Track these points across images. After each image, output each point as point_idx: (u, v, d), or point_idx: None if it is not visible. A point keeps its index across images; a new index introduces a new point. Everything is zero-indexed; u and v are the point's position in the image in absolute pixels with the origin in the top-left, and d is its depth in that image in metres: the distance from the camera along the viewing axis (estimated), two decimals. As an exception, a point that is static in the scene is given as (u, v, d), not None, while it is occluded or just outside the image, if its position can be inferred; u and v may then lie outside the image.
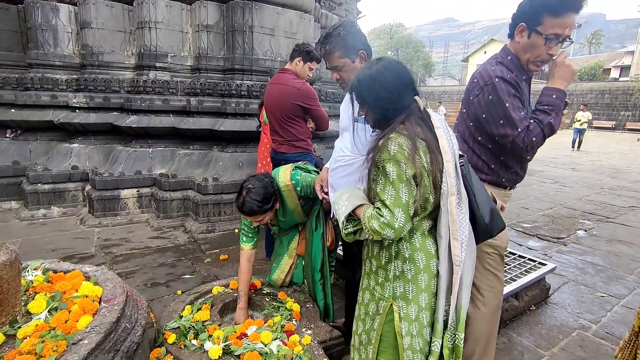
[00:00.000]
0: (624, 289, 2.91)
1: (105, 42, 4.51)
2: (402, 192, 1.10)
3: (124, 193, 4.11)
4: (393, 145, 1.11)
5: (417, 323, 1.21)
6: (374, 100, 1.18)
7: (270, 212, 1.80)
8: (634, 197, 6.14)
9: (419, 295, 1.20)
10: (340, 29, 1.57)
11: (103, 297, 1.38)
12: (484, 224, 1.22)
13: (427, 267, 1.20)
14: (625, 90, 25.41)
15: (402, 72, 1.18)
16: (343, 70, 1.62)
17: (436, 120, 1.19)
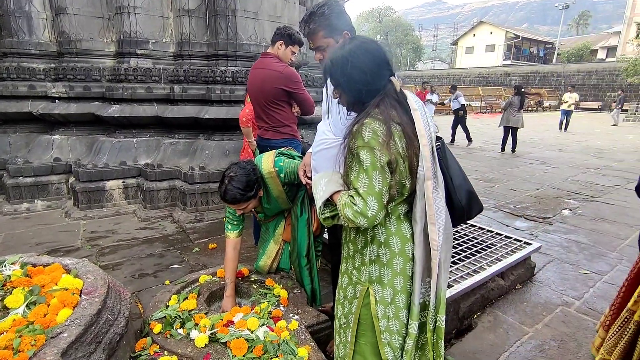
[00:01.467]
0: (606, 266, 2.98)
1: (82, 28, 4.35)
2: (376, 180, 1.07)
3: (109, 184, 4.04)
4: (367, 132, 1.08)
5: (394, 306, 1.22)
6: (347, 82, 1.14)
7: (254, 199, 1.78)
8: (618, 176, 6.26)
9: (394, 279, 1.21)
10: (324, 8, 1.53)
11: (84, 289, 1.35)
12: (461, 206, 1.23)
13: (402, 251, 1.19)
14: (611, 71, 25.65)
15: (376, 51, 1.13)
16: (327, 51, 1.57)
17: (413, 101, 1.15)
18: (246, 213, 1.88)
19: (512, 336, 2.11)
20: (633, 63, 19.69)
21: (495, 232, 2.97)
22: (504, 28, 46.38)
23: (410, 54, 52.02)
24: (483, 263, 2.43)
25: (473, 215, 1.28)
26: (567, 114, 13.60)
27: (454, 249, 2.64)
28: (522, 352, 1.98)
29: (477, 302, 2.30)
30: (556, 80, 28.50)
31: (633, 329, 1.47)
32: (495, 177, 6.19)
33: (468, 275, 2.26)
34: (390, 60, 1.16)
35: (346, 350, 1.32)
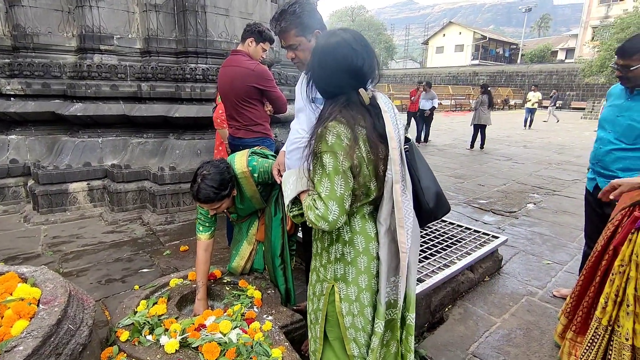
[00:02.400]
0: (567, 256, 3.15)
1: (40, 22, 4.10)
2: (338, 184, 1.07)
3: (72, 187, 3.84)
4: (331, 136, 1.07)
5: (358, 303, 1.22)
6: (317, 73, 1.14)
7: (227, 199, 1.75)
8: (577, 170, 6.63)
9: (358, 277, 1.21)
10: (295, 6, 1.51)
11: (42, 298, 1.27)
12: (429, 208, 1.23)
13: (366, 250, 1.20)
14: (570, 71, 27.14)
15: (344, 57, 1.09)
16: (299, 50, 1.56)
17: (383, 103, 1.14)
18: (219, 213, 1.84)
19: (481, 327, 2.18)
20: (589, 64, 20.85)
21: (464, 227, 3.07)
22: (472, 29, 47.95)
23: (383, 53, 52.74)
24: (453, 257, 2.51)
25: (439, 217, 1.29)
26: (531, 112, 14.25)
27: (425, 244, 2.71)
28: (491, 341, 2.06)
29: (448, 296, 2.36)
30: (521, 80, 29.82)
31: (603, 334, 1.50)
32: (464, 173, 6.39)
33: (439, 270, 2.33)
34: (364, 72, 1.12)
35: (316, 346, 1.34)
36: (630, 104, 1.92)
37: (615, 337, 1.47)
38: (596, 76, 20.79)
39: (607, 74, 19.39)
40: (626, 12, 19.36)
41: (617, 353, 1.46)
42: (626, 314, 1.42)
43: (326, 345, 1.32)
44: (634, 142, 1.89)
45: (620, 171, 1.96)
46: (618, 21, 19.28)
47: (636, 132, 1.87)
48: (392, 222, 1.16)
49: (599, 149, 2.08)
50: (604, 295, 1.52)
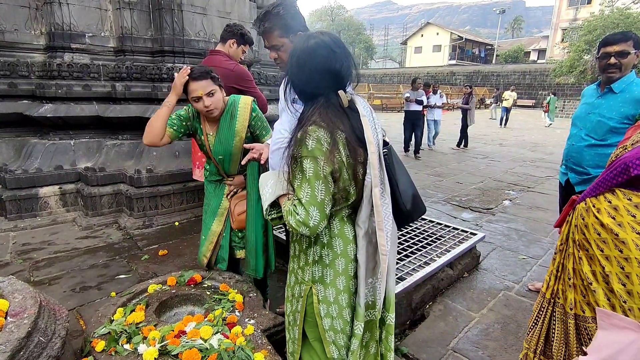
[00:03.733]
0: (540, 250, 3.27)
1: (5, 19, 3.90)
2: (318, 190, 1.07)
3: (43, 191, 3.68)
4: (311, 140, 1.06)
5: (337, 305, 1.22)
6: (296, 74, 1.13)
7: (220, 90, 1.85)
8: (549, 167, 6.89)
9: (336, 279, 1.21)
10: (279, 8, 1.54)
11: (10, 310, 1.22)
12: (406, 210, 1.25)
13: (344, 253, 1.20)
14: (542, 71, 28.13)
15: (323, 59, 1.09)
16: (281, 50, 1.59)
17: (362, 107, 1.14)
18: (203, 112, 1.86)
19: (461, 322, 2.24)
20: (560, 65, 21.70)
21: (444, 224, 3.13)
22: (449, 29, 49.01)
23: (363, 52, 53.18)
24: (433, 255, 2.55)
25: (416, 218, 1.31)
26: (507, 111, 14.70)
27: (406, 242, 2.75)
28: (470, 336, 2.11)
29: (428, 293, 2.41)
30: (496, 80, 30.68)
31: (547, 307, 1.62)
32: (443, 171, 6.53)
33: (419, 267, 2.37)
34: (342, 75, 1.12)
35: (294, 347, 1.34)
36: (601, 102, 2.02)
37: (557, 308, 1.57)
38: (566, 76, 21.64)
39: (576, 74, 20.23)
40: (593, 15, 20.23)
41: (560, 322, 1.56)
42: (569, 286, 1.52)
43: (305, 346, 1.32)
44: (603, 138, 1.99)
45: (590, 167, 2.06)
46: (585, 23, 20.15)
47: (605, 128, 1.97)
48: (371, 225, 1.16)
49: (571, 146, 2.18)
50: (549, 273, 1.64)
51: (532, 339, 1.66)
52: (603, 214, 1.39)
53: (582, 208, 1.50)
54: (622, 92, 1.94)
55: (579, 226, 1.50)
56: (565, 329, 1.55)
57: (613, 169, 1.38)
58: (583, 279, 1.47)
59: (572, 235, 1.54)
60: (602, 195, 1.43)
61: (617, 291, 1.33)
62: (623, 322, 1.27)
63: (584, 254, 1.46)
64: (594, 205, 1.44)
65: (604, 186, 1.41)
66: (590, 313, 1.46)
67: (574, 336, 1.52)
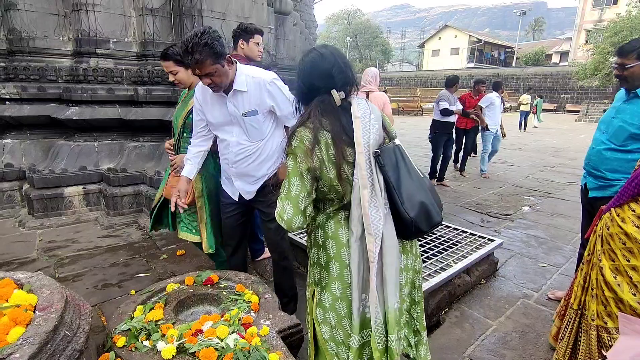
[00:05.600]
0: (562, 258, 3.18)
1: (36, 26, 4.10)
2: (293, 186, 1.12)
3: (67, 191, 3.83)
4: (295, 140, 1.14)
5: (334, 313, 1.19)
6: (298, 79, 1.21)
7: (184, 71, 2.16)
8: (572, 173, 6.69)
9: (331, 284, 1.19)
10: (205, 38, 1.54)
11: (38, 305, 1.27)
12: (409, 217, 1.12)
13: (337, 255, 1.18)
14: (564, 74, 27.38)
15: (318, 65, 1.16)
16: (215, 76, 1.65)
17: (357, 109, 1.16)
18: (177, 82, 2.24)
19: (477, 330, 2.20)
20: (583, 67, 21.05)
21: (460, 230, 3.09)
22: (467, 32, 48.31)
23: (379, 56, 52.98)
24: (449, 260, 2.52)
25: (425, 229, 1.16)
26: (525, 115, 14.36)
27: (422, 247, 2.72)
28: (487, 344, 2.07)
29: (444, 299, 2.37)
30: (516, 83, 30.05)
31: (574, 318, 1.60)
32: (460, 176, 6.42)
33: (435, 273, 2.34)
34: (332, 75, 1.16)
35: (309, 351, 1.35)
36: (626, 107, 1.97)
37: (584, 320, 1.56)
38: (590, 79, 20.99)
39: (600, 77, 19.59)
40: (619, 16, 19.57)
41: (585, 334, 1.55)
42: (591, 297, 1.51)
43: (318, 352, 1.32)
44: (623, 144, 1.94)
45: (608, 172, 2.01)
46: (611, 25, 19.50)
47: (626, 134, 1.92)
48: (363, 229, 1.12)
49: (591, 149, 2.14)
50: (576, 284, 1.63)
51: (560, 350, 1.65)
52: (627, 223, 1.36)
53: (607, 218, 1.48)
54: None
55: (604, 236, 1.47)
56: (588, 340, 1.52)
57: (636, 178, 1.35)
58: (604, 289, 1.43)
59: (597, 245, 1.51)
60: (626, 204, 1.40)
61: None
62: None
63: (610, 264, 1.43)
64: (618, 215, 1.42)
65: (628, 195, 1.38)
66: (612, 324, 1.42)
67: (595, 347, 1.49)
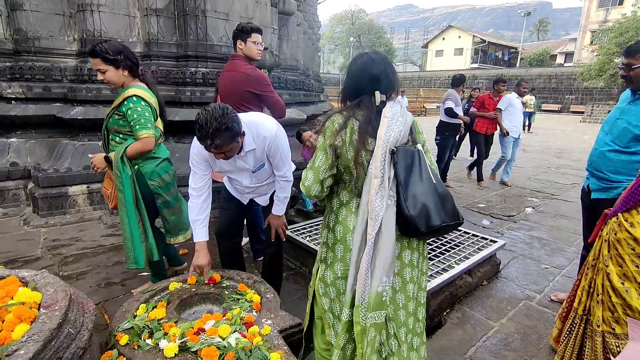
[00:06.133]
0: (565, 260, 3.16)
1: (41, 26, 4.13)
2: (319, 158, 1.31)
3: (72, 190, 3.85)
4: (329, 122, 1.33)
5: (334, 288, 1.36)
6: (344, 83, 1.39)
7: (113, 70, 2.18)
8: (575, 174, 6.65)
9: (335, 263, 1.35)
10: (226, 121, 1.54)
11: (42, 302, 1.28)
12: (409, 215, 1.21)
13: (343, 239, 1.33)
14: (569, 75, 27.21)
15: (364, 68, 1.31)
16: (231, 151, 1.70)
17: (387, 111, 1.28)
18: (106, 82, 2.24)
19: (479, 331, 2.20)
20: (588, 68, 20.92)
21: (463, 231, 3.08)
22: (471, 33, 48.14)
23: (383, 56, 52.86)
24: (452, 261, 2.52)
25: (422, 228, 1.22)
26: (528, 116, 14.29)
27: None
28: (489, 346, 2.07)
29: (446, 300, 2.37)
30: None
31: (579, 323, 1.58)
32: (463, 177, 6.41)
33: (437, 274, 2.34)
34: (379, 79, 1.29)
35: (304, 321, 1.54)
36: (630, 108, 1.95)
37: (589, 326, 1.55)
38: (595, 80, 20.86)
39: (605, 77, 19.46)
40: (624, 17, 19.44)
41: (590, 340, 1.53)
42: (597, 302, 1.49)
43: (313, 322, 1.50)
44: (627, 146, 1.92)
45: (611, 173, 2.00)
46: (617, 25, 19.37)
47: (630, 135, 1.91)
48: (367, 214, 1.24)
49: (594, 150, 2.12)
50: (580, 288, 1.62)
51: (565, 355, 1.62)
52: (637, 228, 1.34)
53: (614, 223, 1.46)
54: None
55: (612, 241, 1.45)
56: (594, 347, 1.51)
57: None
58: (611, 295, 1.42)
59: (603, 250, 1.49)
60: (634, 209, 1.38)
61: None
62: None
63: (617, 270, 1.41)
64: (626, 220, 1.40)
65: (636, 200, 1.37)
66: (620, 330, 1.40)
67: (601, 353, 1.47)
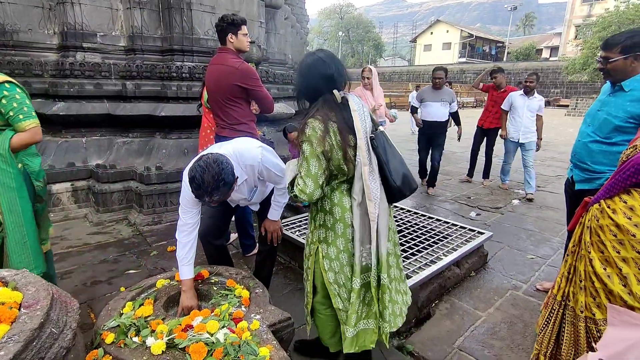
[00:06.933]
0: (550, 250, 3.23)
1: (19, 18, 3.99)
2: (312, 165, 1.38)
3: (55, 187, 3.77)
4: (308, 129, 1.39)
5: (338, 262, 1.51)
6: (299, 82, 1.51)
7: None
8: (560, 166, 6.78)
9: (336, 240, 1.50)
10: (223, 176, 1.57)
11: (23, 302, 1.25)
12: (396, 186, 1.47)
13: (342, 218, 1.48)
14: (554, 69, 27.67)
15: (319, 68, 1.44)
16: (227, 197, 1.70)
17: (354, 104, 1.45)
18: None
19: (467, 321, 2.23)
20: (573, 62, 21.26)
21: (451, 223, 3.11)
22: (459, 27, 48.42)
23: (372, 50, 52.91)
24: (440, 253, 2.55)
25: (407, 193, 1.51)
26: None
27: (412, 240, 2.75)
28: (476, 335, 2.10)
29: (435, 291, 2.40)
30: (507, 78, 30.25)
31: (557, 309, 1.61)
32: (452, 170, 6.47)
33: (426, 266, 2.36)
34: (334, 78, 1.45)
35: (307, 299, 1.67)
36: (610, 99, 1.99)
37: (568, 311, 1.57)
38: (579, 74, 21.21)
39: (589, 71, 19.81)
40: (608, 12, 19.77)
41: (570, 325, 1.55)
42: (580, 288, 1.51)
43: (315, 299, 1.66)
44: (607, 136, 1.97)
45: (593, 164, 2.04)
46: (600, 20, 19.70)
47: (610, 126, 1.95)
48: (364, 197, 1.43)
49: (577, 142, 2.16)
50: (560, 275, 1.64)
51: (543, 341, 1.65)
52: (619, 215, 1.37)
53: (597, 209, 1.48)
54: (631, 91, 1.90)
55: (593, 228, 1.47)
56: (576, 332, 1.54)
57: (626, 170, 1.36)
58: (594, 280, 1.45)
59: (585, 237, 1.52)
60: (617, 196, 1.40)
61: (636, 293, 1.31)
62: (633, 319, 1.26)
63: (599, 255, 1.44)
64: (608, 207, 1.42)
65: (619, 187, 1.39)
66: (600, 315, 1.44)
67: (584, 339, 1.50)
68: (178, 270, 1.91)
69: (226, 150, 1.78)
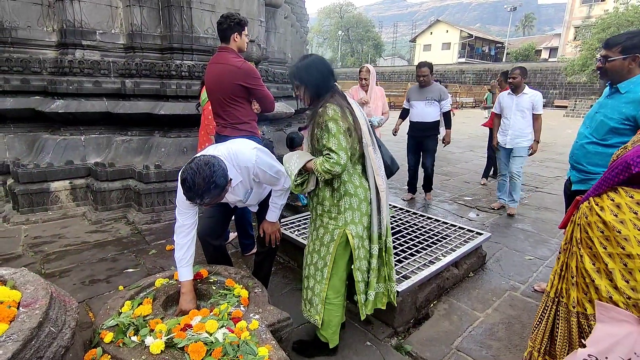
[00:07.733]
0: (548, 251, 3.24)
1: (18, 15, 3.98)
2: (342, 140, 1.56)
3: (54, 185, 3.76)
4: (330, 110, 1.59)
5: (359, 239, 1.72)
6: (310, 79, 1.66)
7: None
8: (558, 167, 6.80)
9: (362, 218, 1.70)
10: (214, 179, 1.56)
11: (22, 301, 1.25)
12: (388, 165, 1.82)
13: (365, 198, 1.71)
14: (553, 70, 27.69)
15: (325, 63, 1.70)
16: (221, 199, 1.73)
17: (348, 98, 1.71)
18: None
19: (465, 322, 2.23)
20: (572, 63, 21.29)
21: (450, 224, 3.12)
22: (458, 27, 48.42)
23: (371, 50, 52.86)
24: (439, 254, 2.55)
25: (394, 171, 1.88)
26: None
27: (412, 241, 2.75)
28: (474, 335, 2.11)
29: (433, 292, 2.40)
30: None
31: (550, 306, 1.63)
32: (451, 170, 6.49)
33: (424, 266, 2.36)
34: (334, 74, 1.73)
35: (322, 287, 1.76)
36: (607, 101, 2.01)
37: (561, 307, 1.58)
38: (578, 75, 21.24)
39: (588, 72, 19.84)
40: (607, 13, 19.80)
41: (563, 321, 1.57)
42: (572, 284, 1.53)
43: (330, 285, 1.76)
44: (603, 138, 1.99)
45: (589, 165, 2.06)
46: (599, 21, 19.72)
47: (606, 128, 1.97)
48: (372, 173, 1.68)
49: (575, 143, 2.18)
50: (553, 272, 1.65)
51: (537, 338, 1.66)
52: (606, 212, 1.39)
53: (586, 207, 1.50)
54: (627, 93, 1.91)
55: (582, 225, 1.50)
56: (569, 327, 1.55)
57: (614, 168, 1.39)
58: (585, 276, 1.47)
59: (575, 234, 1.54)
60: (605, 194, 1.43)
61: (621, 288, 1.33)
62: (621, 315, 1.29)
63: (587, 251, 1.47)
64: (597, 204, 1.45)
65: (607, 185, 1.42)
66: (592, 310, 1.46)
67: (576, 334, 1.52)
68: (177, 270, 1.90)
69: (221, 151, 1.78)
